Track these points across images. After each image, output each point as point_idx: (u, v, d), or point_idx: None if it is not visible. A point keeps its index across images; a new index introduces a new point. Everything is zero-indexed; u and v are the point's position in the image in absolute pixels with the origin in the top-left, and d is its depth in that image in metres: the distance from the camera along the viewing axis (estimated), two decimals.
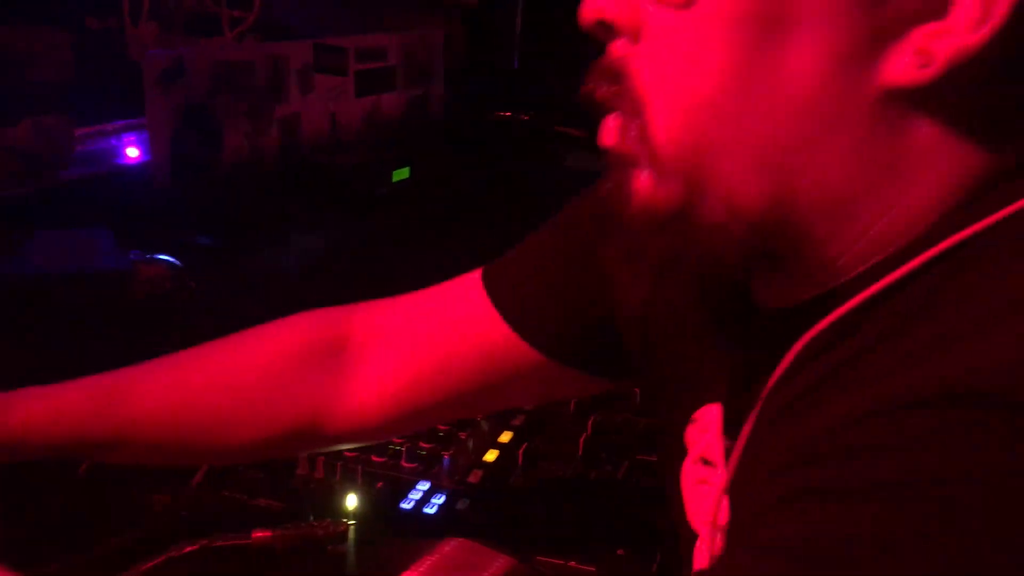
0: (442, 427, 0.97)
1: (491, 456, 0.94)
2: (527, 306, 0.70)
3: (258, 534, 0.71)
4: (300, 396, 0.73)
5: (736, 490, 0.49)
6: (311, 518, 0.75)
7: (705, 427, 0.55)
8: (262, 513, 0.83)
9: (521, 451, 0.92)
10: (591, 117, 0.47)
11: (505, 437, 0.98)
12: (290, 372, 0.73)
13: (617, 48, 0.45)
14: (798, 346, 0.44)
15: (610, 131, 0.45)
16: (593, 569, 0.76)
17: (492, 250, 0.76)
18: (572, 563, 0.76)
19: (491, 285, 0.72)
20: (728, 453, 0.52)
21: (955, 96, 0.40)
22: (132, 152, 1.47)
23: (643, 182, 0.45)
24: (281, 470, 0.88)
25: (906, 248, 0.41)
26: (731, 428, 0.52)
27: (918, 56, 0.39)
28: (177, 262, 1.10)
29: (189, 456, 0.79)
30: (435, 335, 0.73)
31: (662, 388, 0.61)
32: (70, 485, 0.81)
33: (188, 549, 0.66)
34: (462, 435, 0.96)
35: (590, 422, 0.98)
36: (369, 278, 1.34)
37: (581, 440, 0.95)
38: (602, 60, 0.46)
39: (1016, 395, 0.33)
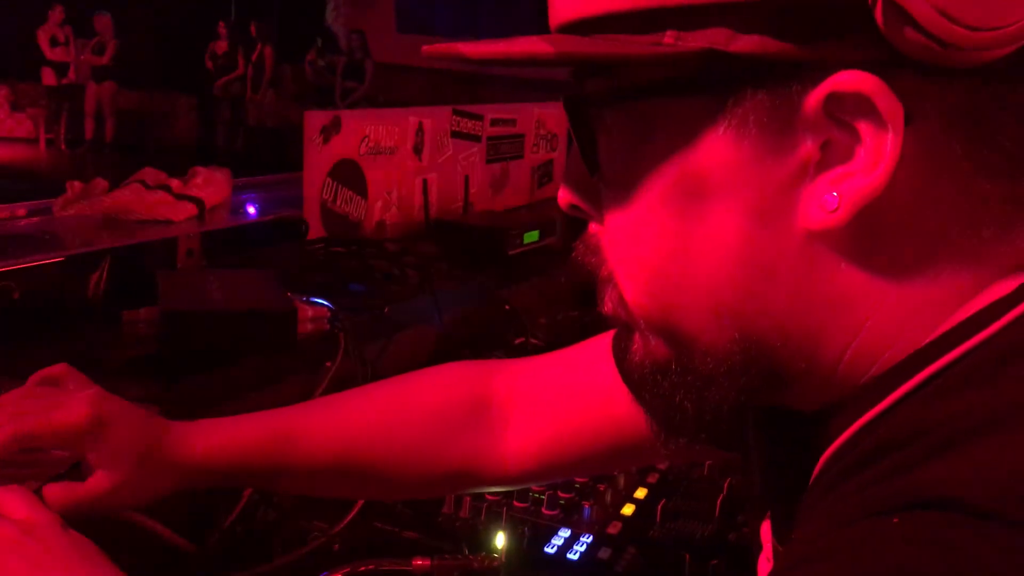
0: (579, 479, 0.99)
1: (628, 510, 0.96)
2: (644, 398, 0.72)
3: (418, 561, 0.74)
4: (457, 448, 0.78)
5: None
6: (465, 551, 0.78)
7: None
8: (411, 545, 0.87)
9: (660, 507, 0.94)
10: None
11: (640, 493, 1.00)
12: (448, 425, 0.78)
13: (593, 226, 0.50)
14: (820, 463, 0.45)
15: (604, 301, 0.50)
16: None
17: None
18: None
19: (620, 356, 0.73)
20: (777, 557, 0.53)
21: (881, 231, 0.41)
22: (251, 209, 1.55)
23: (636, 341, 0.49)
24: (428, 507, 0.92)
25: (897, 367, 0.42)
26: (781, 532, 0.53)
27: (827, 201, 0.40)
28: (331, 305, 1.17)
29: (350, 491, 0.84)
30: (567, 402, 0.77)
31: (748, 478, 0.63)
32: (234, 510, 0.87)
33: (363, 568, 0.70)
34: (600, 487, 0.98)
35: (727, 484, 0.99)
36: (501, 329, 1.39)
37: (718, 501, 0.96)
38: (585, 234, 0.50)
39: (987, 503, 0.34)
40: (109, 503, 0.69)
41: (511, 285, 1.51)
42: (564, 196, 0.50)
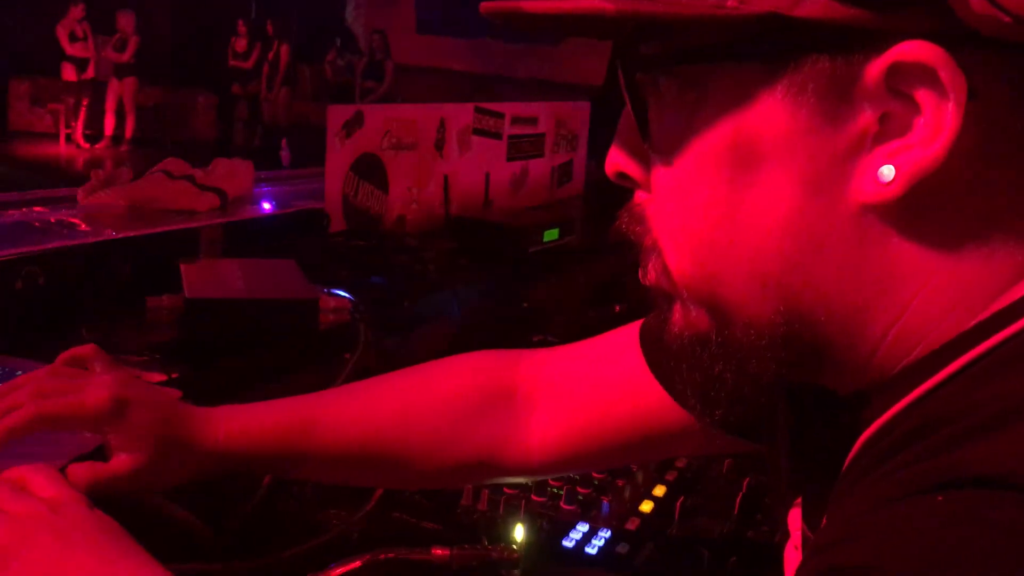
0: (597, 475, 0.99)
1: (647, 507, 0.95)
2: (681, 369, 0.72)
3: (438, 551, 0.74)
4: (478, 435, 0.77)
5: None
6: (485, 542, 0.78)
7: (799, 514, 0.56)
8: (428, 536, 0.87)
9: (678, 504, 0.94)
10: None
11: (659, 490, 0.99)
12: (470, 412, 0.78)
13: (638, 195, 0.49)
14: (857, 445, 0.45)
15: (647, 270, 0.49)
16: None
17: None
18: None
19: (647, 346, 0.74)
20: (806, 544, 0.52)
21: (935, 206, 0.41)
22: (271, 203, 1.56)
23: (677, 312, 0.49)
24: (446, 498, 0.92)
25: (944, 347, 0.42)
26: (812, 518, 0.52)
27: (883, 173, 0.40)
28: (352, 297, 1.17)
29: (371, 479, 0.84)
30: (593, 392, 0.76)
31: (775, 466, 0.62)
32: (254, 497, 0.87)
33: (383, 556, 0.70)
34: (619, 482, 0.98)
35: (746, 482, 0.99)
36: (519, 327, 1.39)
37: (737, 499, 0.96)
38: (630, 203, 0.50)
39: None
40: (130, 484, 0.70)
41: (529, 283, 1.51)
42: (612, 164, 0.49)
